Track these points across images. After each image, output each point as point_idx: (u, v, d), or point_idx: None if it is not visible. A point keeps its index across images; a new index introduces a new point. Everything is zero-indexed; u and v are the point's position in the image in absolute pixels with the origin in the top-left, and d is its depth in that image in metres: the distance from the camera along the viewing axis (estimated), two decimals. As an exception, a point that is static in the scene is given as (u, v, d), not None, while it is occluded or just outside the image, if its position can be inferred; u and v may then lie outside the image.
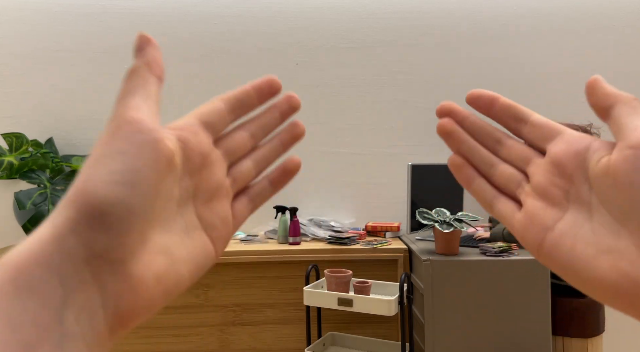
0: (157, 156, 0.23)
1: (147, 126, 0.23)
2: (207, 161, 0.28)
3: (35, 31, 2.49)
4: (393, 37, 2.58)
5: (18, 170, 2.04)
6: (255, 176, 0.31)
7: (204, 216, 0.28)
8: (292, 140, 0.32)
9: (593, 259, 0.25)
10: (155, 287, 0.23)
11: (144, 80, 0.25)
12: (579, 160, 0.27)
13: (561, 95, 2.58)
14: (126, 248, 0.21)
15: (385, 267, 2.09)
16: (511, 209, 0.29)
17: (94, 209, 0.21)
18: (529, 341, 1.75)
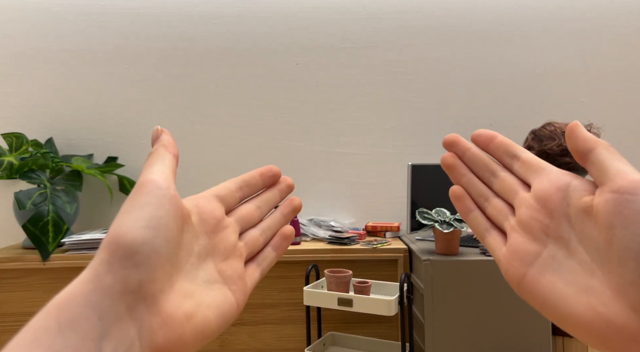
0: (174, 209, 0.27)
1: (164, 185, 0.28)
2: (220, 225, 0.32)
3: (35, 31, 2.49)
4: (393, 37, 2.58)
5: (18, 170, 2.04)
6: (263, 243, 0.36)
7: (223, 271, 0.31)
8: (292, 213, 0.38)
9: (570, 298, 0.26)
10: (185, 325, 0.26)
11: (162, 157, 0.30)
12: (560, 196, 0.29)
13: (561, 95, 2.58)
14: (156, 284, 0.25)
15: (385, 267, 2.09)
16: (498, 243, 0.32)
17: (125, 250, 0.24)
18: (529, 341, 1.75)
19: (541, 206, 0.29)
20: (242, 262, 0.33)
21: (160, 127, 0.31)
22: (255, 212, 0.35)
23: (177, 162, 0.30)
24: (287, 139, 2.56)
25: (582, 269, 0.26)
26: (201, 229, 0.31)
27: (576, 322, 0.25)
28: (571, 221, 0.28)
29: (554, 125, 1.97)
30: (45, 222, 1.93)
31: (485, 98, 2.58)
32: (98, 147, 2.51)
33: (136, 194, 0.27)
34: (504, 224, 0.32)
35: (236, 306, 0.30)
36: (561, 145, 1.91)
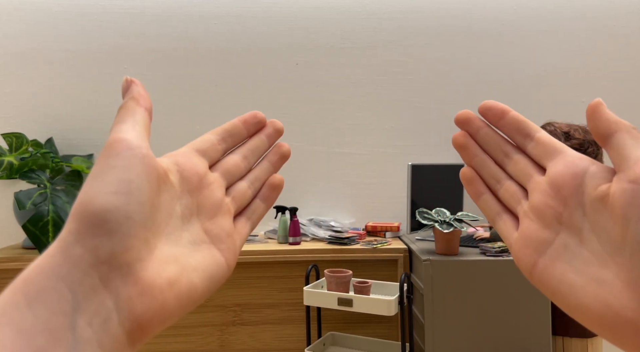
0: (147, 169, 0.25)
1: (135, 144, 0.25)
2: (204, 181, 0.30)
3: (35, 31, 2.49)
4: (393, 37, 2.58)
5: (18, 170, 2.04)
6: (252, 196, 0.34)
7: (210, 230, 0.29)
8: (280, 160, 0.35)
9: (581, 288, 0.25)
10: (167, 292, 0.24)
11: (132, 111, 0.27)
12: (576, 183, 0.27)
13: (561, 95, 2.58)
14: (131, 253, 0.23)
15: (385, 267, 2.09)
16: (510, 228, 0.31)
17: (94, 218, 0.22)
18: (529, 341, 1.75)
19: (555, 192, 0.28)
20: (230, 219, 0.31)
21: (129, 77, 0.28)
22: (241, 163, 0.33)
23: (151, 116, 0.28)
24: (287, 139, 2.56)
25: (594, 258, 0.26)
26: (183, 188, 0.29)
27: (586, 313, 0.25)
28: (585, 209, 0.27)
29: (554, 125, 1.97)
30: (45, 222, 1.93)
31: (485, 98, 2.58)
32: (98, 147, 2.51)
33: (105, 156, 0.24)
34: (516, 208, 0.31)
35: (226, 266, 0.29)
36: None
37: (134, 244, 0.23)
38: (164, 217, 0.26)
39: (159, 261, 0.25)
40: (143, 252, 0.24)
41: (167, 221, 0.27)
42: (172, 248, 0.26)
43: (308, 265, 2.06)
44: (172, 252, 0.26)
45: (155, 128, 2.53)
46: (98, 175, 0.24)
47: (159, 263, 0.24)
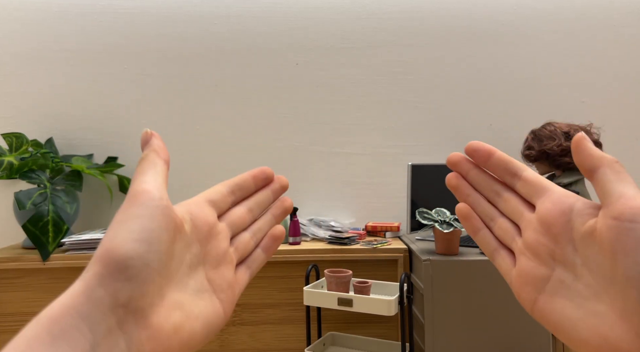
0: (167, 220, 0.27)
1: (157, 196, 0.27)
2: (213, 231, 0.32)
3: (35, 31, 2.49)
4: (393, 37, 2.58)
5: (18, 170, 2.04)
6: (253, 246, 0.36)
7: (213, 279, 0.31)
8: (283, 214, 0.38)
9: (580, 322, 0.27)
10: (173, 338, 0.26)
11: (153, 163, 0.29)
12: (564, 220, 0.29)
13: (561, 95, 2.58)
14: (146, 298, 0.25)
15: (385, 267, 2.09)
16: (509, 264, 0.32)
17: (117, 263, 0.24)
18: (529, 341, 1.75)
19: (546, 230, 0.29)
20: (232, 269, 0.33)
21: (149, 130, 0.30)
22: (246, 215, 0.35)
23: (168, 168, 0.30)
24: (287, 139, 2.56)
25: (588, 292, 0.27)
26: (194, 237, 0.30)
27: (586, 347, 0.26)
28: (575, 245, 0.28)
29: (554, 125, 1.97)
30: (45, 222, 1.93)
31: (485, 98, 2.58)
32: (98, 147, 2.51)
33: (129, 205, 0.26)
34: (511, 244, 0.32)
35: (223, 316, 0.30)
36: (561, 145, 1.91)
37: (150, 290, 0.25)
38: (175, 265, 0.28)
39: (167, 307, 0.26)
40: (156, 298, 0.25)
41: (177, 268, 0.28)
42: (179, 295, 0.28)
43: (308, 265, 2.05)
44: (179, 299, 0.28)
45: (155, 128, 2.53)
46: (122, 223, 0.26)
47: (167, 309, 0.26)
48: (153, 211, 0.26)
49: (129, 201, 0.27)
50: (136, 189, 0.27)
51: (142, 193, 0.27)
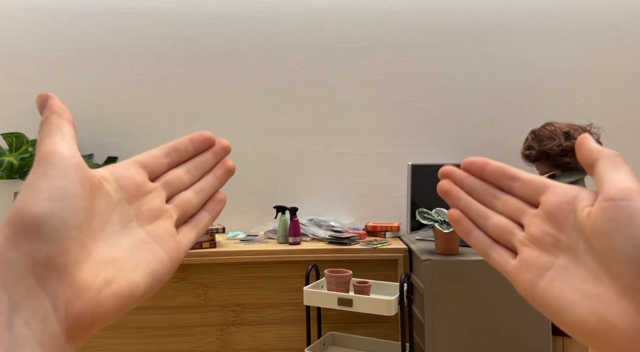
0: (80, 177, 0.26)
1: (67, 154, 0.26)
2: (142, 190, 0.31)
3: (35, 31, 2.49)
4: (393, 37, 2.58)
5: (18, 170, 2.04)
6: (197, 206, 0.35)
7: (151, 231, 0.30)
8: (225, 174, 0.37)
9: (577, 304, 0.27)
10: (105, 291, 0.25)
11: (57, 125, 0.28)
12: (569, 209, 0.30)
13: (561, 95, 2.58)
14: (67, 255, 0.24)
15: (385, 267, 2.09)
16: (506, 256, 0.32)
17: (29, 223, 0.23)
18: (529, 341, 1.75)
19: (552, 220, 0.30)
20: (171, 223, 0.32)
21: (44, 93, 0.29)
22: (183, 176, 0.34)
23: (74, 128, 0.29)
24: (287, 139, 2.56)
25: (589, 276, 0.27)
26: (119, 196, 0.30)
27: (583, 329, 0.26)
28: (578, 231, 0.29)
29: (554, 125, 1.97)
30: (45, 222, 1.92)
31: (485, 98, 2.58)
32: (98, 147, 2.51)
33: (38, 166, 0.25)
34: (510, 239, 0.32)
35: (169, 263, 0.30)
36: (561, 145, 1.91)
37: (70, 247, 0.24)
38: (100, 223, 0.27)
39: (97, 263, 0.26)
40: (79, 254, 0.25)
41: (103, 226, 0.28)
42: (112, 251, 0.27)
43: (308, 265, 2.06)
44: (111, 255, 0.27)
45: (155, 128, 2.54)
46: (32, 184, 0.25)
47: (96, 265, 0.25)
48: (64, 169, 0.25)
49: (37, 162, 0.26)
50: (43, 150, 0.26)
51: (51, 153, 0.26)
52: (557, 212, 0.30)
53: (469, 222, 0.35)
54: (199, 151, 0.36)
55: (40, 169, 0.25)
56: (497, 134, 2.58)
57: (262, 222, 2.55)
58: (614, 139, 2.58)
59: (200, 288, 2.07)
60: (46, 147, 0.26)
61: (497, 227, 0.33)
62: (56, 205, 0.24)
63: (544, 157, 1.96)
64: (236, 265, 2.08)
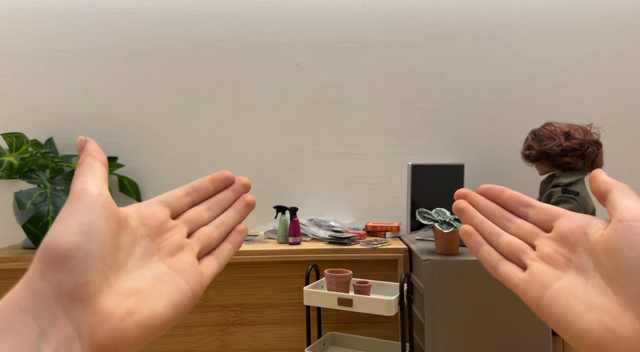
0: (107, 213, 0.28)
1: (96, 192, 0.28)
2: (164, 227, 0.33)
3: (36, 31, 2.49)
4: (393, 37, 2.58)
5: (18, 170, 2.04)
6: (218, 239, 0.36)
7: (173, 264, 0.32)
8: (246, 208, 0.38)
9: (582, 314, 0.28)
10: (127, 320, 0.26)
11: (90, 166, 0.30)
12: (581, 233, 0.32)
13: (561, 95, 2.58)
14: (92, 286, 0.25)
15: (385, 267, 2.09)
16: (515, 270, 0.34)
17: (57, 256, 0.25)
18: (529, 341, 1.75)
19: (564, 241, 0.32)
20: (193, 255, 0.33)
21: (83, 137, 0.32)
22: (204, 213, 0.36)
23: (107, 169, 0.31)
24: (287, 139, 2.56)
25: (596, 291, 0.29)
26: (142, 232, 0.31)
27: (587, 338, 0.27)
28: (589, 252, 0.30)
29: (554, 125, 1.97)
30: (45, 222, 1.93)
31: (485, 98, 2.58)
32: (98, 147, 2.51)
33: (68, 204, 0.27)
34: (521, 257, 0.34)
35: (191, 294, 0.31)
36: (561, 145, 1.91)
37: (95, 278, 0.26)
38: (124, 257, 0.29)
39: (120, 293, 0.27)
40: (103, 285, 0.26)
41: (127, 260, 0.29)
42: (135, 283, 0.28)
43: (308, 265, 2.05)
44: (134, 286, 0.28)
45: (155, 128, 2.53)
46: (62, 219, 0.26)
47: (119, 295, 0.27)
48: (92, 206, 0.27)
49: (69, 201, 0.28)
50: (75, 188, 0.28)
51: (80, 191, 0.28)
52: (569, 235, 0.32)
53: (480, 238, 0.36)
54: (218, 190, 0.37)
55: (70, 205, 0.27)
56: (497, 134, 2.58)
57: (262, 222, 2.55)
58: (614, 139, 2.58)
59: (200, 288, 2.07)
60: (78, 185, 0.28)
61: (508, 245, 0.35)
62: (82, 239, 0.26)
63: (544, 157, 1.96)
64: (236, 265, 2.08)
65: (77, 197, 0.28)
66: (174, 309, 0.29)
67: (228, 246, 0.36)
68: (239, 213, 0.38)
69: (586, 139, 1.92)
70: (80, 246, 0.25)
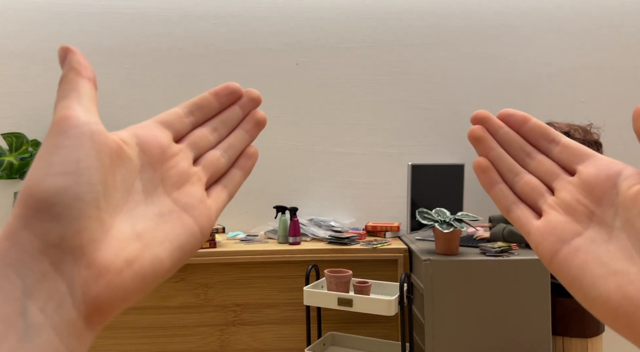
0: (97, 146, 0.24)
1: (82, 120, 0.24)
2: (168, 152, 0.29)
3: (36, 31, 2.49)
4: (393, 37, 2.58)
5: (18, 170, 2.04)
6: (227, 164, 0.32)
7: (179, 198, 0.28)
8: (255, 127, 0.33)
9: (601, 278, 0.25)
10: (126, 272, 0.23)
11: (74, 84, 0.25)
12: (609, 185, 0.28)
13: (561, 95, 2.58)
14: (83, 235, 0.22)
15: (385, 267, 2.09)
16: (529, 215, 0.31)
17: (40, 202, 0.21)
18: (529, 341, 1.75)
19: (587, 191, 0.28)
20: (201, 187, 0.30)
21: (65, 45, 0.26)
22: (210, 134, 0.32)
23: (96, 87, 0.26)
24: (287, 139, 2.56)
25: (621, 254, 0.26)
26: (143, 161, 0.27)
27: (603, 304, 0.25)
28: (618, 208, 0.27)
29: (554, 125, 1.97)
30: (45, 222, 1.92)
31: (485, 98, 2.58)
32: (98, 147, 2.51)
33: (51, 136, 0.23)
34: (538, 201, 0.31)
35: (199, 232, 0.28)
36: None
37: (86, 226, 0.22)
38: (122, 194, 0.25)
39: (117, 240, 0.24)
40: (97, 233, 0.23)
41: (126, 197, 0.26)
42: (135, 224, 0.25)
43: (308, 265, 2.05)
44: (135, 229, 0.25)
45: (155, 128, 2.53)
46: (44, 156, 0.23)
47: (117, 243, 0.23)
48: (79, 139, 0.23)
49: (51, 131, 0.23)
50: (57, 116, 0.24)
51: (64, 120, 0.23)
52: (594, 184, 0.28)
53: (496, 174, 0.32)
54: (224, 106, 0.33)
55: (52, 139, 0.23)
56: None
57: (262, 222, 2.55)
58: (614, 139, 2.58)
59: (200, 288, 2.07)
60: (60, 112, 0.24)
61: (526, 185, 0.31)
62: (69, 180, 0.22)
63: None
64: (236, 265, 2.08)
65: (60, 127, 0.23)
66: (180, 253, 0.26)
67: (238, 173, 0.33)
68: (248, 133, 0.33)
69: (586, 139, 1.92)
70: (67, 189, 0.22)
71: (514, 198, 0.32)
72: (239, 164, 0.33)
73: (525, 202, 0.31)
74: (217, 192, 0.31)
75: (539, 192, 0.31)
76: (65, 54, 0.26)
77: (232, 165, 0.33)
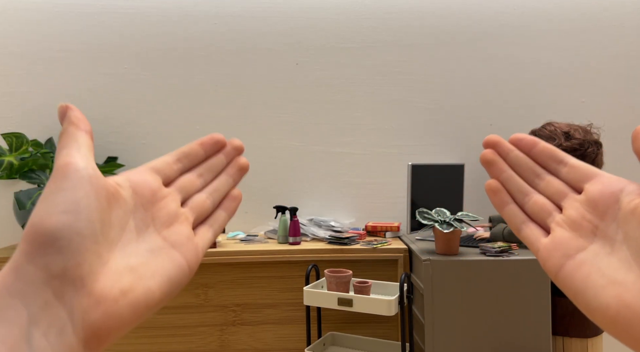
0: (95, 188, 0.26)
1: (82, 166, 0.27)
2: (158, 195, 0.32)
3: (36, 31, 2.49)
4: (393, 37, 2.58)
5: (18, 170, 2.04)
6: (212, 206, 0.35)
7: (168, 236, 0.31)
8: (239, 172, 0.37)
9: (602, 288, 0.27)
10: (121, 301, 0.25)
11: (73, 136, 0.28)
12: (613, 200, 0.30)
13: (561, 95, 2.58)
14: (83, 267, 0.24)
15: (385, 267, 2.09)
16: (538, 233, 0.32)
17: (44, 237, 0.24)
18: (529, 341, 1.75)
19: (592, 207, 0.30)
20: (189, 226, 0.32)
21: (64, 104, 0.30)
22: (196, 179, 0.35)
23: (92, 138, 0.29)
24: (287, 139, 2.56)
25: (620, 264, 0.27)
26: (135, 202, 0.30)
27: (605, 313, 0.26)
28: (619, 222, 0.29)
29: (554, 125, 1.97)
30: (45, 222, 1.92)
31: (485, 98, 2.58)
32: (98, 147, 2.51)
33: (53, 180, 0.26)
34: (546, 219, 0.32)
35: (187, 267, 0.30)
36: (561, 145, 1.91)
37: (86, 259, 0.24)
38: (117, 231, 0.28)
39: (113, 272, 0.26)
40: (95, 265, 0.25)
41: (120, 235, 0.28)
42: (130, 259, 0.28)
43: (308, 265, 2.06)
44: (128, 263, 0.27)
45: (155, 128, 2.53)
46: (47, 197, 0.25)
47: (113, 275, 0.26)
48: (79, 181, 0.26)
49: (53, 176, 0.26)
50: (59, 163, 0.27)
51: (66, 166, 0.26)
52: (599, 200, 0.30)
53: (506, 195, 0.34)
54: (209, 154, 0.36)
55: (55, 182, 0.26)
56: (497, 134, 2.57)
57: (262, 222, 2.55)
58: (614, 139, 2.58)
59: (200, 288, 2.07)
60: (62, 159, 0.27)
61: (535, 205, 0.33)
62: (70, 218, 0.25)
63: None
64: (236, 265, 2.08)
65: (62, 172, 0.26)
66: (169, 286, 0.28)
67: (222, 214, 0.35)
68: (232, 178, 0.36)
69: (586, 139, 1.92)
70: (69, 226, 0.24)
71: (523, 217, 0.33)
72: (224, 206, 0.36)
73: (535, 221, 0.33)
74: (204, 231, 0.34)
75: (547, 211, 0.32)
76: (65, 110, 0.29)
77: (217, 207, 0.36)
